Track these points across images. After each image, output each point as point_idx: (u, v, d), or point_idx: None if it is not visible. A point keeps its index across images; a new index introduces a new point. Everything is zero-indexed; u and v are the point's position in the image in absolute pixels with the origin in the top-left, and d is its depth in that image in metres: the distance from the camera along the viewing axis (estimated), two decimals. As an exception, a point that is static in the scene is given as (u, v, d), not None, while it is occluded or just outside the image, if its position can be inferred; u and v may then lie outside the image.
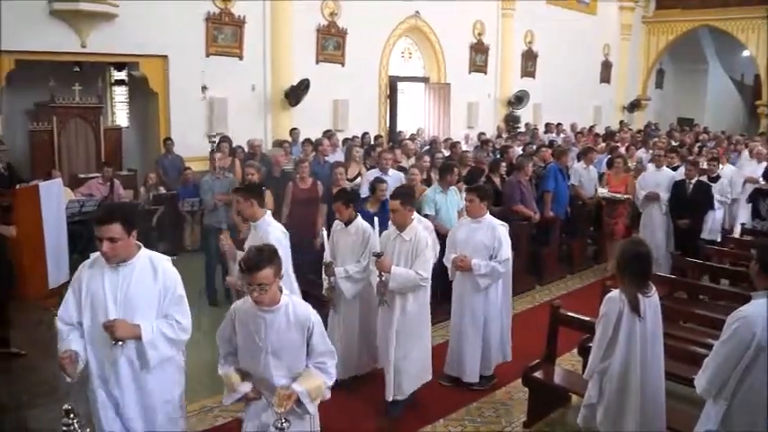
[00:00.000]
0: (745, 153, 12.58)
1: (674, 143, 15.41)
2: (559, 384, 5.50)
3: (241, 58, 12.98)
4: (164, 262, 3.81)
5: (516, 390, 6.02)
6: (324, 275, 5.85)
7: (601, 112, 23.13)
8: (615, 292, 4.04)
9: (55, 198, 7.83)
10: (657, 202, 9.57)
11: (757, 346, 3.33)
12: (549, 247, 9.76)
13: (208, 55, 12.47)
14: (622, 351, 3.96)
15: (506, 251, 5.87)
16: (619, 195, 10.06)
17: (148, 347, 3.65)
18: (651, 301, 4.01)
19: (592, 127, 19.27)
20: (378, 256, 5.28)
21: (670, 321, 5.44)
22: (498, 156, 11.46)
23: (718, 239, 9.51)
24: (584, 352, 5.21)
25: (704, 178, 9.68)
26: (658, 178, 9.77)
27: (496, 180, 9.40)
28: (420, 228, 5.60)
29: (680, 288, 7.21)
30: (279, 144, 11.42)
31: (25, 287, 7.22)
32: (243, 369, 3.76)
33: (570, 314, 5.57)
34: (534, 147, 12.85)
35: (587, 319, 5.25)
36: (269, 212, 5.48)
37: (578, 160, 11.06)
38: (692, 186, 9.25)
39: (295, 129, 12.76)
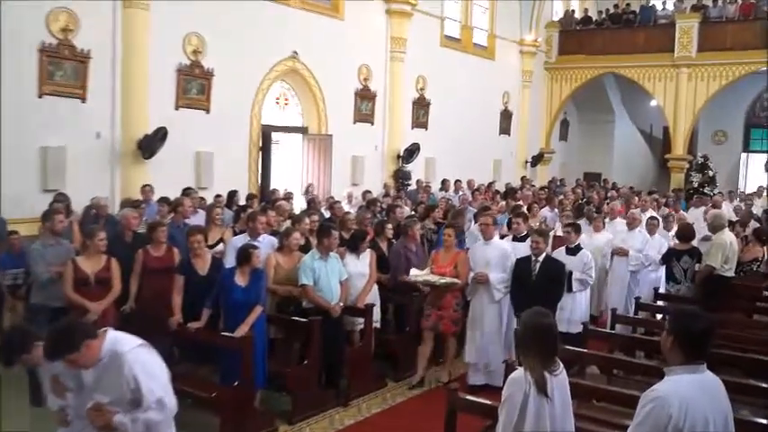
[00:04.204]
0: (619, 220, 12.02)
1: (581, 201, 16.11)
2: (460, 481, 5.43)
3: (84, 99, 12.52)
4: None
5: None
6: None
7: (501, 166, 23.90)
8: (519, 372, 4.05)
9: None
10: (487, 285, 8.22)
11: (674, 429, 3.35)
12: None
13: (41, 95, 11.93)
14: (529, 438, 3.95)
15: (151, 390, 4.02)
16: (434, 279, 8.30)
17: None
18: (559, 380, 4.04)
19: (491, 183, 19.85)
20: None
21: (581, 400, 5.51)
22: (384, 216, 11.56)
23: (580, 330, 8.01)
24: (487, 442, 5.18)
25: (562, 251, 8.75)
26: (487, 253, 8.34)
27: (383, 245, 9.44)
28: None
29: (592, 362, 7.33)
30: (131, 203, 11.07)
31: None
32: None
33: (469, 398, 5.55)
34: (423, 206, 13.04)
35: (489, 403, 5.23)
36: None
37: (475, 221, 11.25)
38: (538, 265, 7.91)
39: (147, 185, 12.40)
